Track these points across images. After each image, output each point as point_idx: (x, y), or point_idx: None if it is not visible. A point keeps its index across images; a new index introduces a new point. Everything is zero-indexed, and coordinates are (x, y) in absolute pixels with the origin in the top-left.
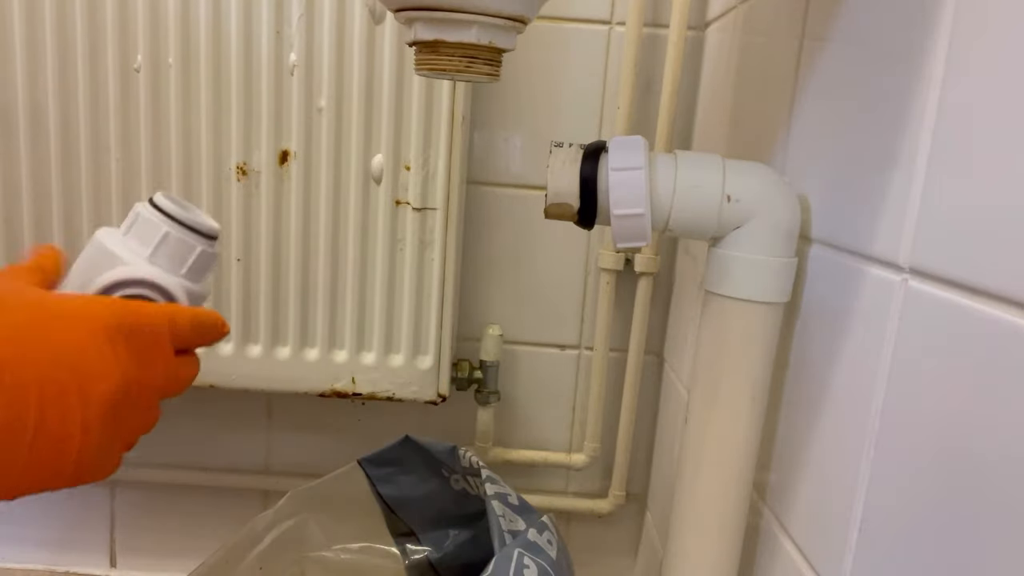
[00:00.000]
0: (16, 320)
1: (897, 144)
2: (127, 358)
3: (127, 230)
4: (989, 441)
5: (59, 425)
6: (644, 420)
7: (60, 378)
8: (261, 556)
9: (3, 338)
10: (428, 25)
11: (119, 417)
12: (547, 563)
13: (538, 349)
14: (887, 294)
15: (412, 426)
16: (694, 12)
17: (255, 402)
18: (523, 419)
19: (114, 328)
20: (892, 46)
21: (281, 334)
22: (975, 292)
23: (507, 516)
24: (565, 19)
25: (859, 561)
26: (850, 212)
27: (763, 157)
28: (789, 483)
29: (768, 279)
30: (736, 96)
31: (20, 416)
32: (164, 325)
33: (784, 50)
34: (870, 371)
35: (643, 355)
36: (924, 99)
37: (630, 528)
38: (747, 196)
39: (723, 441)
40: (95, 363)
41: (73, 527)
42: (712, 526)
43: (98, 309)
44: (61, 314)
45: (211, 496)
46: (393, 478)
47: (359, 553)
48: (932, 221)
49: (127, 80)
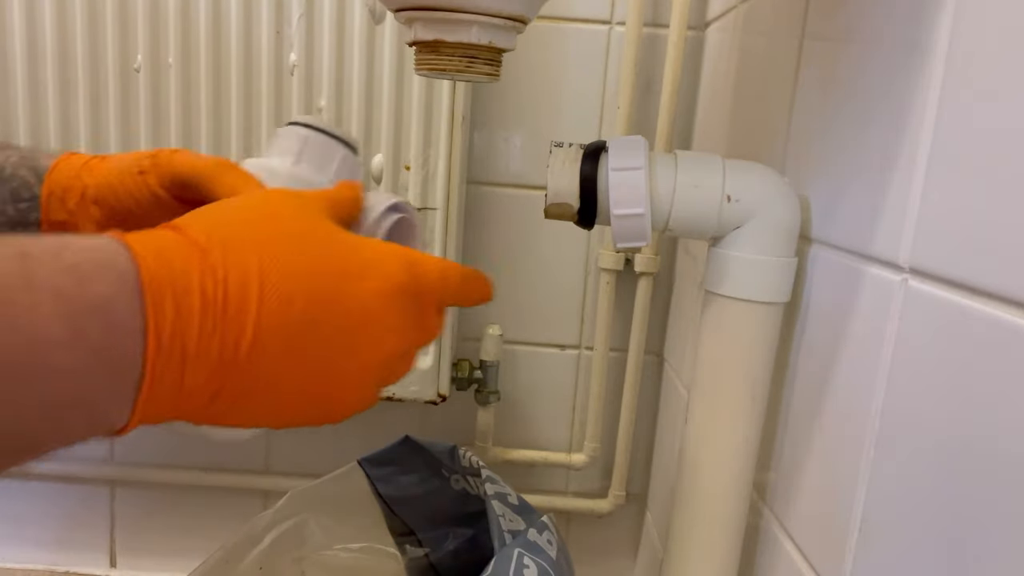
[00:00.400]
0: (318, 268)
1: (897, 144)
2: (408, 321)
3: (297, 158)
4: (989, 441)
5: (337, 388)
6: (644, 420)
7: (344, 343)
8: (261, 556)
9: (305, 292)
10: (428, 25)
11: (384, 374)
12: (547, 563)
13: (538, 349)
14: (887, 294)
15: (412, 426)
16: (694, 12)
17: None
18: (523, 419)
19: (403, 289)
20: (892, 46)
21: None
22: (975, 292)
23: (507, 516)
24: (565, 19)
25: (859, 561)
26: (850, 212)
27: (763, 157)
28: (789, 483)
29: (768, 279)
30: (736, 96)
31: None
32: (438, 282)
33: (784, 50)
34: (870, 371)
35: (643, 355)
36: (924, 99)
37: (630, 528)
38: (747, 196)
39: (723, 441)
40: (379, 329)
41: (73, 527)
42: (712, 526)
43: (394, 268)
44: (361, 270)
45: (211, 496)
46: (393, 478)
47: (359, 553)
48: (932, 221)
49: (127, 80)
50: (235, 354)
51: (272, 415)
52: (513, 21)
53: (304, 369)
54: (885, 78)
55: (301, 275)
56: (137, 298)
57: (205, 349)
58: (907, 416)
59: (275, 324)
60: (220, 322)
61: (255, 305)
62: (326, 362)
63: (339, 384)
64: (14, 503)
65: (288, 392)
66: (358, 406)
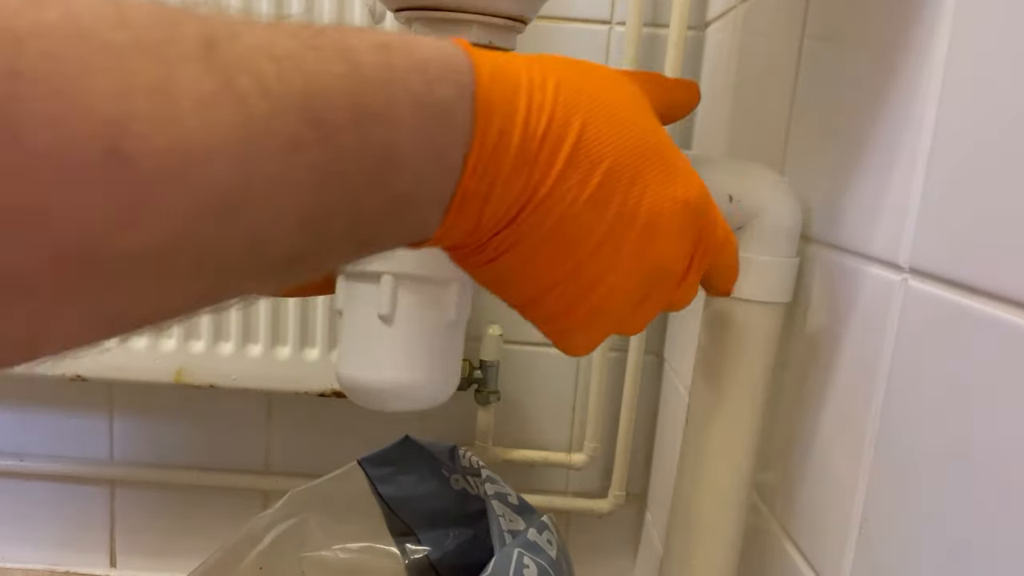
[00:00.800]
0: (630, 148)
1: (897, 144)
2: (684, 246)
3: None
4: (989, 441)
5: (605, 270)
6: (644, 420)
7: (626, 230)
8: (261, 556)
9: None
10: (428, 25)
11: (648, 285)
12: (547, 563)
13: (538, 349)
14: (887, 294)
15: (412, 426)
16: (694, 12)
17: (255, 402)
18: (523, 419)
19: (696, 211)
20: (892, 46)
21: (281, 334)
22: (975, 292)
23: (507, 516)
24: (565, 19)
25: (859, 561)
26: (850, 212)
27: (763, 157)
28: (789, 483)
29: (769, 279)
30: (736, 96)
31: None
32: (718, 238)
33: (784, 50)
34: (870, 371)
35: (643, 355)
36: (924, 99)
37: (630, 528)
38: (749, 197)
39: (723, 441)
40: (661, 233)
41: (73, 527)
42: (711, 527)
43: (696, 188)
44: (666, 171)
45: (211, 496)
46: (393, 478)
47: (359, 553)
48: (932, 221)
49: None
50: (532, 196)
51: (534, 278)
52: (513, 21)
53: (581, 237)
54: (885, 78)
55: (612, 149)
56: (470, 111)
57: (512, 181)
58: (907, 416)
59: (572, 184)
60: (530, 162)
61: (563, 159)
62: (604, 240)
63: (608, 267)
64: (14, 503)
65: (560, 256)
66: (613, 308)
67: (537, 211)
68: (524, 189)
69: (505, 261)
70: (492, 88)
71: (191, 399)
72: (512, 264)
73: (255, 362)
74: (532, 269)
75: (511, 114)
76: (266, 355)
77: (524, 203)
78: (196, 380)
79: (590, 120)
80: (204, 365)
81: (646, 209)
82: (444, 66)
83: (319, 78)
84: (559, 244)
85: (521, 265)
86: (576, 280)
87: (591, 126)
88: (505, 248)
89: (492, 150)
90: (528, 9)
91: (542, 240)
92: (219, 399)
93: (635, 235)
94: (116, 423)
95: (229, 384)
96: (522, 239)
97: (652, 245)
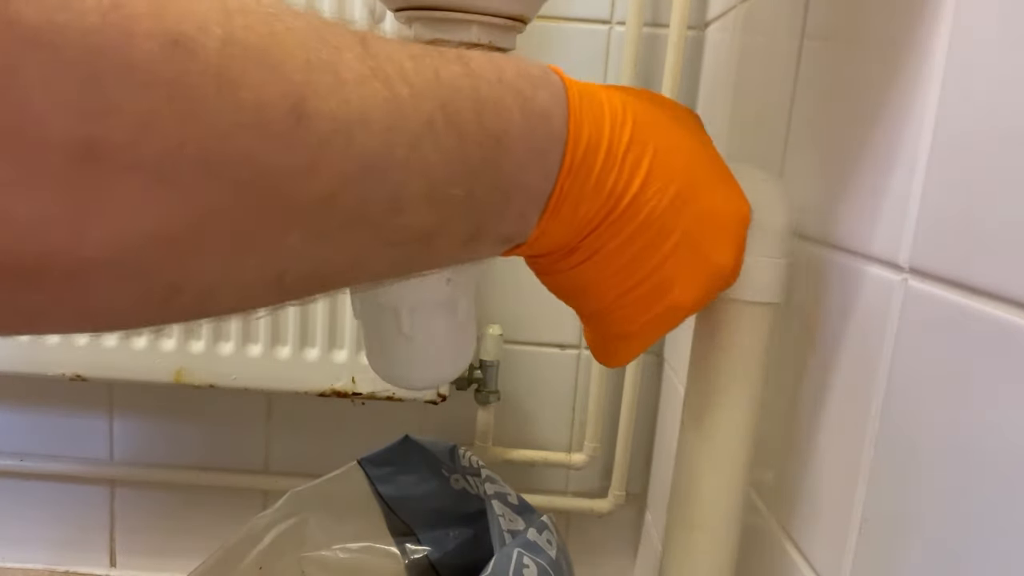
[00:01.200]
0: (693, 171)
1: (897, 144)
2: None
3: None
4: (989, 441)
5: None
6: (644, 420)
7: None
8: (261, 556)
9: (676, 189)
10: (428, 24)
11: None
12: (547, 563)
13: (538, 349)
14: (887, 294)
15: (412, 426)
16: (694, 12)
17: (255, 402)
18: (523, 419)
19: (744, 223)
20: (892, 46)
21: (281, 334)
22: (975, 292)
23: (507, 516)
24: (565, 19)
25: (859, 561)
26: (850, 212)
27: (763, 156)
28: (789, 483)
29: (760, 280)
30: (736, 96)
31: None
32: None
33: (784, 50)
34: (870, 371)
35: (643, 355)
36: (924, 99)
37: (630, 528)
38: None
39: (717, 441)
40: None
41: (73, 527)
42: (707, 526)
43: (745, 202)
44: (726, 191)
45: (211, 496)
46: (393, 478)
47: (359, 553)
48: (932, 221)
49: None
50: (619, 201)
51: (615, 281)
52: (513, 21)
53: (661, 240)
54: (885, 78)
55: (684, 163)
56: (564, 118)
57: (601, 185)
58: (907, 416)
59: (654, 191)
60: (616, 169)
61: (646, 168)
62: (680, 243)
63: (682, 269)
64: (14, 503)
65: (641, 258)
66: (683, 308)
67: (623, 215)
68: (611, 194)
69: (591, 265)
70: (582, 102)
71: (191, 399)
72: (597, 268)
73: (255, 362)
74: (614, 272)
75: (599, 126)
76: (266, 355)
77: (612, 207)
78: (196, 380)
79: (663, 136)
80: (204, 365)
81: (715, 216)
82: (543, 78)
83: (446, 74)
84: (641, 246)
85: (604, 268)
86: (653, 280)
87: (664, 141)
88: (593, 250)
89: (583, 154)
90: (528, 9)
91: (625, 243)
92: (219, 399)
93: (706, 240)
94: (116, 423)
95: (229, 384)
96: (608, 241)
97: (718, 249)
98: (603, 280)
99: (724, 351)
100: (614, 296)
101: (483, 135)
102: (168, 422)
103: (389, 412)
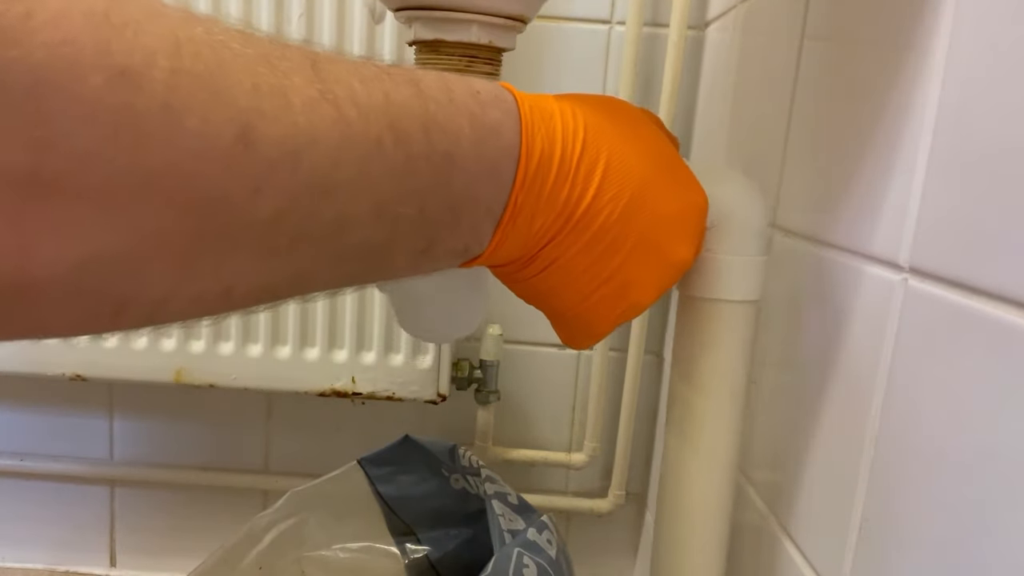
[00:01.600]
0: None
1: (897, 144)
2: (692, 248)
3: None
4: (988, 441)
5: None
6: (644, 420)
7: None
8: (261, 556)
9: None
10: (428, 24)
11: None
12: (546, 562)
13: (538, 349)
14: (887, 294)
15: (412, 426)
16: (694, 12)
17: (255, 402)
18: (523, 419)
19: (702, 213)
20: (892, 46)
21: (281, 334)
22: (975, 292)
23: (507, 515)
24: (565, 19)
25: (859, 561)
26: (850, 211)
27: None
28: (789, 483)
29: (739, 278)
30: (736, 96)
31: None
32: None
33: (784, 50)
34: (870, 371)
35: (643, 355)
36: (924, 99)
37: (630, 528)
38: (718, 198)
39: (703, 441)
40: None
41: (73, 527)
42: (694, 525)
43: (703, 195)
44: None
45: (211, 496)
46: (393, 478)
47: (359, 553)
48: (932, 221)
49: None
50: (573, 211)
51: (577, 286)
52: (513, 21)
53: (618, 245)
54: (885, 78)
55: (638, 168)
56: (517, 132)
57: (555, 196)
58: (907, 416)
59: (607, 199)
60: (570, 180)
61: (599, 178)
62: (637, 245)
63: (641, 269)
64: (14, 503)
65: (600, 264)
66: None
67: (579, 225)
68: (566, 205)
69: (551, 272)
70: (533, 115)
71: (191, 399)
72: (557, 275)
73: (255, 362)
74: (575, 278)
75: (551, 138)
76: (266, 355)
77: (567, 217)
78: (196, 380)
79: (616, 143)
80: (204, 365)
81: (671, 215)
82: (493, 95)
83: (396, 96)
84: (599, 253)
85: (565, 276)
86: (614, 283)
87: (617, 148)
88: (551, 259)
89: (536, 168)
90: (528, 9)
91: (583, 250)
92: (219, 399)
93: (663, 240)
94: (116, 423)
95: (229, 384)
96: (566, 251)
97: (675, 247)
98: (564, 286)
99: (705, 350)
100: (577, 300)
101: (432, 153)
102: (168, 422)
103: (389, 412)
